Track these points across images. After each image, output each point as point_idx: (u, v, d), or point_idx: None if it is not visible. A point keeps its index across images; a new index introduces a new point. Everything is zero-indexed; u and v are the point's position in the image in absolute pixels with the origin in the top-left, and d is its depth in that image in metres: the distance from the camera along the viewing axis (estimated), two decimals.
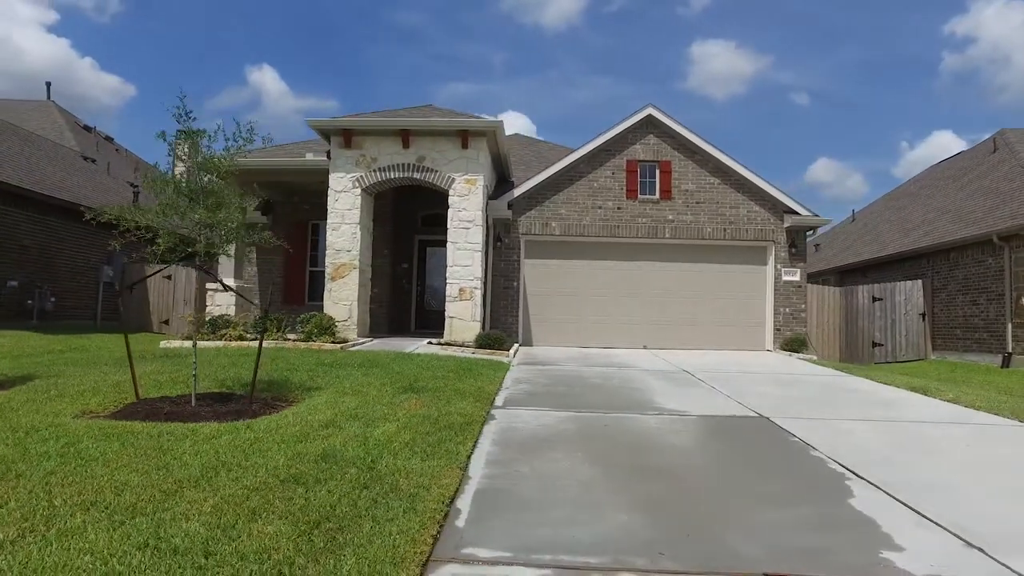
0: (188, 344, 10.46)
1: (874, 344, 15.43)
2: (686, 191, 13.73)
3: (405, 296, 15.73)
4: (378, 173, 12.21)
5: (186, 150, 5.99)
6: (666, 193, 13.75)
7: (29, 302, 14.30)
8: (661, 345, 13.43)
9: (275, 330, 10.98)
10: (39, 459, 3.91)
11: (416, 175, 12.19)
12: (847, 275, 21.05)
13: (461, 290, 12.00)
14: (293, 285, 15.17)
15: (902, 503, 3.70)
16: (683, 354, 12.31)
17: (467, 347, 11.22)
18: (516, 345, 12.82)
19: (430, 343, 11.50)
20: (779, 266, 13.56)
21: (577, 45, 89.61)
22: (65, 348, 11.64)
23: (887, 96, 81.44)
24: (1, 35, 64.02)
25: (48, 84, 26.86)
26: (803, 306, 13.64)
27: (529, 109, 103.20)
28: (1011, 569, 2.88)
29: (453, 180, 12.11)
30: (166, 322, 15.82)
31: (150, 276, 10.85)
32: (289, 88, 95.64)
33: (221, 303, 12.61)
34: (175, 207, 5.74)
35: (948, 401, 7.39)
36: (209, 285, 12.87)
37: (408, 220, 15.39)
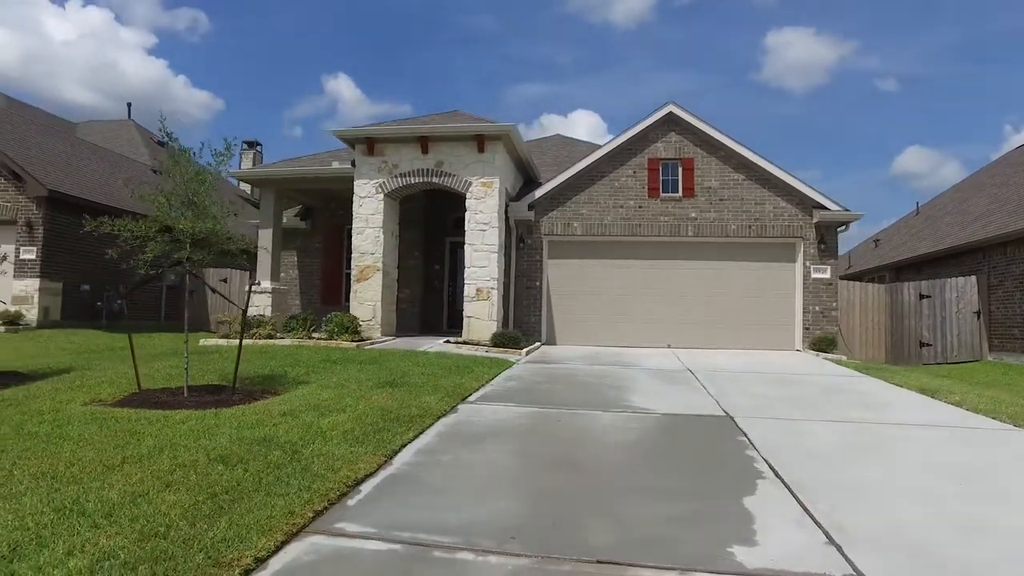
0: (223, 342, 11.30)
1: (922, 344, 14.69)
2: (709, 188, 13.54)
3: (436, 296, 16.23)
4: (399, 178, 12.73)
5: (169, 165, 6.53)
6: (688, 191, 13.61)
7: (98, 304, 15.71)
8: (686, 344, 13.31)
9: (301, 329, 11.67)
10: (26, 438, 4.51)
11: (435, 179, 12.62)
12: (903, 271, 20.04)
13: (478, 290, 12.34)
14: (330, 286, 15.96)
15: (799, 502, 3.73)
16: (703, 354, 12.17)
17: (482, 346, 11.54)
18: (538, 344, 13.05)
19: (447, 342, 11.90)
20: (808, 263, 13.16)
21: (647, 40, 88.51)
22: (124, 345, 12.76)
23: (987, 76, 75.68)
24: (108, 60, 70.05)
25: (129, 105, 29.19)
26: (834, 304, 13.17)
27: (600, 107, 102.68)
28: (849, 562, 2.93)
29: (470, 183, 12.46)
30: (222, 322, 16.97)
31: (146, 281, 11.71)
32: (364, 95, 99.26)
33: (259, 304, 13.47)
34: (166, 216, 6.30)
35: (952, 404, 7.10)
36: (247, 288, 13.75)
37: (439, 223, 15.87)
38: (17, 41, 67.36)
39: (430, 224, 15.68)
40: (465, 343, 11.88)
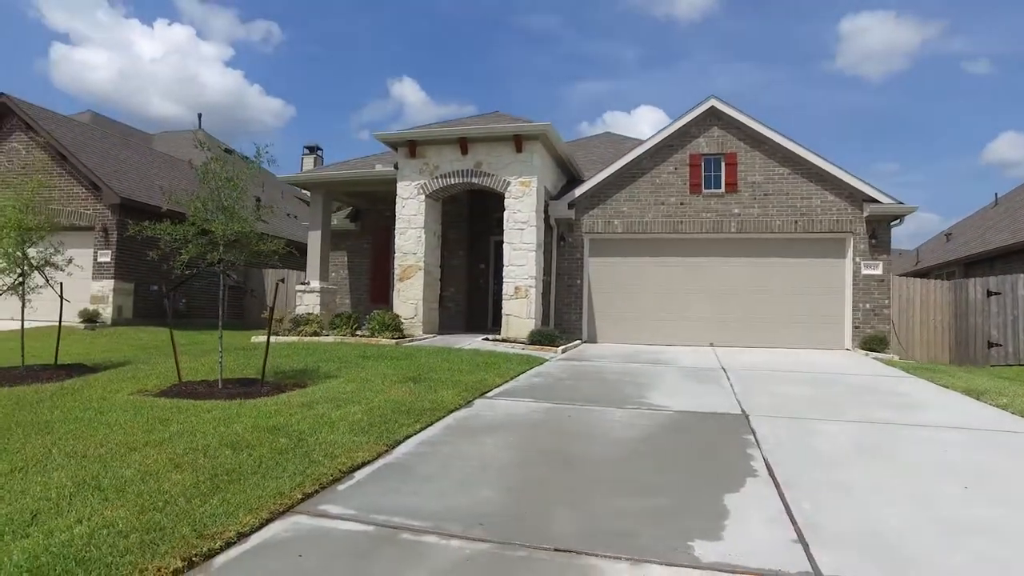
0: (272, 339, 11.90)
1: (990, 344, 13.87)
2: (753, 183, 13.21)
3: (481, 295, 16.49)
4: (440, 179, 13.04)
5: (202, 172, 6.98)
6: (731, 186, 13.32)
7: (165, 302, 16.80)
8: (729, 343, 13.05)
9: (345, 327, 12.15)
10: (71, 422, 5.00)
11: (474, 180, 12.87)
12: (973, 267, 18.91)
13: (516, 288, 12.50)
14: (378, 285, 16.49)
15: (782, 500, 3.71)
16: (744, 352, 11.91)
17: (519, 343, 11.69)
18: (578, 342, 13.10)
19: (485, 339, 12.12)
20: (858, 259, 12.64)
21: (712, 33, 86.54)
22: (185, 342, 13.66)
23: None
24: (190, 74, 74.88)
25: (199, 115, 30.91)
26: (886, 302, 12.60)
27: (664, 102, 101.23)
28: (811, 560, 2.92)
29: (508, 183, 12.64)
30: (280, 320, 17.83)
31: (183, 281, 12.38)
32: (429, 97, 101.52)
33: (308, 303, 14.10)
34: (201, 219, 6.76)
35: (997, 406, 6.75)
36: (298, 287, 14.44)
37: (484, 221, 16.10)
38: (113, 62, 73.08)
39: (475, 223, 15.96)
40: (503, 340, 12.06)
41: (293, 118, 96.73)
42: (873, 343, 11.98)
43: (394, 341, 11.18)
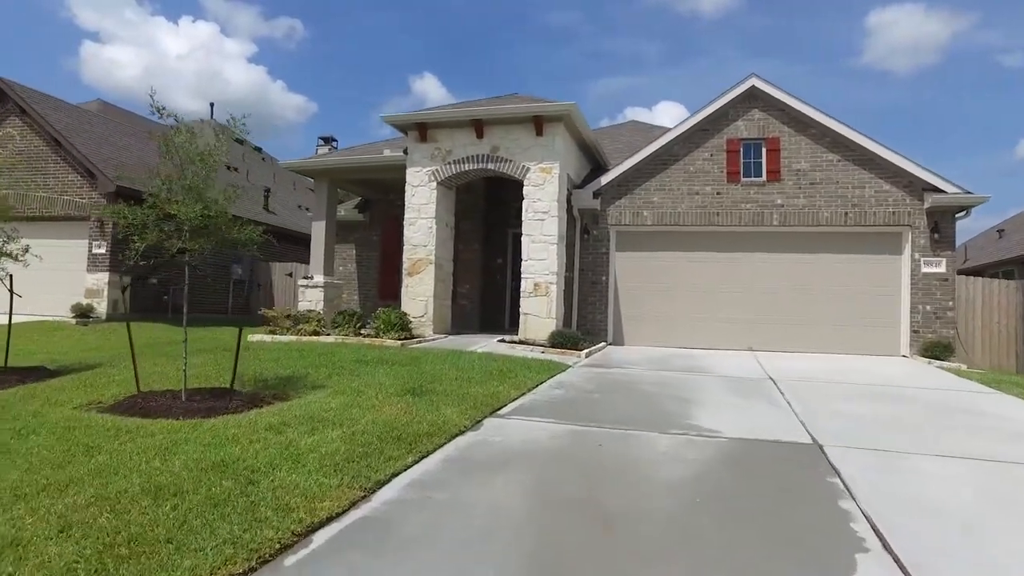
0: (267, 338, 10.92)
1: None
2: (797, 171, 11.92)
3: (498, 291, 15.37)
4: (453, 166, 11.95)
5: (164, 145, 5.97)
6: (773, 174, 12.04)
7: (164, 298, 15.95)
8: (769, 347, 11.80)
9: (347, 325, 11.12)
10: None
11: (490, 166, 11.75)
12: None
13: (536, 285, 11.37)
14: (387, 280, 15.45)
15: None
16: (789, 358, 10.67)
17: (538, 346, 10.57)
18: (603, 344, 11.95)
19: (501, 341, 11.02)
20: (918, 255, 11.31)
21: (736, 29, 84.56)
22: (182, 339, 12.74)
23: None
24: (215, 70, 75.48)
25: (212, 104, 30.13)
26: (950, 303, 11.25)
27: (685, 98, 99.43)
28: None
29: (528, 169, 11.50)
30: (276, 317, 16.91)
31: (148, 274, 11.41)
32: (450, 93, 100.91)
33: (311, 299, 13.11)
34: (164, 201, 5.75)
35: None
36: (300, 282, 13.44)
37: (501, 212, 14.96)
38: (139, 59, 74.00)
39: (491, 214, 14.84)
40: (521, 343, 10.95)
41: (315, 114, 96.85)
42: (935, 350, 10.65)
43: (399, 342, 10.12)
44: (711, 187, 12.40)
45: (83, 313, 14.08)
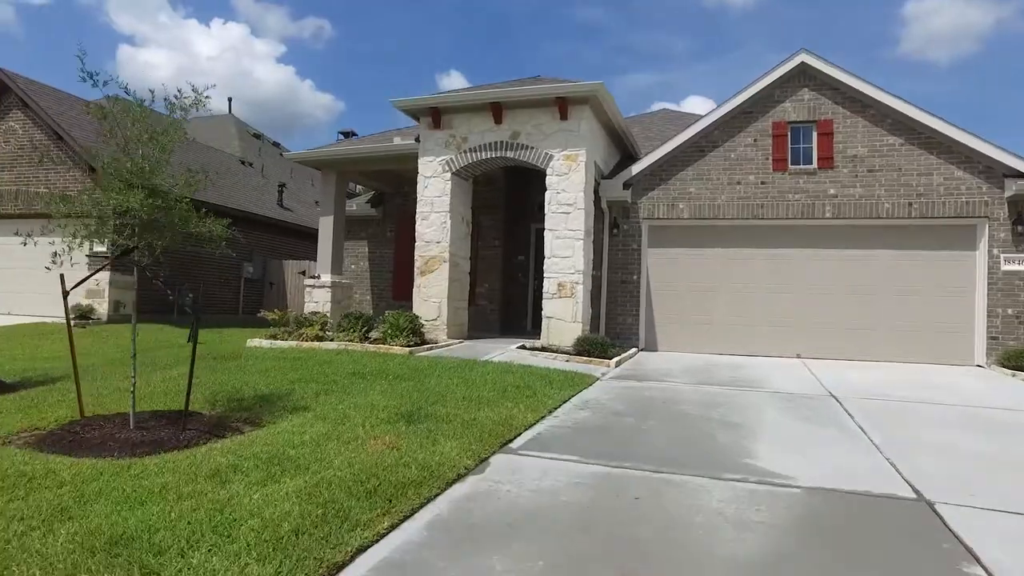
0: (266, 344, 10.04)
1: None
2: (854, 157, 10.61)
3: (520, 292, 14.32)
4: (469, 154, 10.91)
5: (103, 121, 5.04)
6: (826, 161, 10.75)
7: (170, 298, 15.23)
8: (819, 354, 10.55)
9: (353, 329, 10.17)
10: None
11: (509, 153, 10.68)
12: None
13: (560, 285, 10.29)
14: (402, 279, 14.47)
15: None
16: (845, 368, 9.42)
17: (563, 353, 9.51)
18: (634, 350, 10.82)
19: (521, 347, 9.96)
20: (996, 251, 9.93)
21: (767, 22, 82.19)
22: (177, 343, 11.99)
23: None
24: (245, 70, 76.69)
25: (230, 99, 29.75)
26: None
27: (715, 94, 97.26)
28: None
29: (551, 157, 10.41)
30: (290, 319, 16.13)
31: (97, 270, 10.55)
32: None
33: (318, 300, 12.21)
34: (116, 187, 4.83)
35: None
36: (307, 281, 12.55)
37: (524, 206, 13.91)
38: (171, 60, 75.55)
39: (513, 208, 13.78)
40: (543, 349, 9.89)
41: (343, 113, 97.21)
42: (1019, 359, 9.28)
43: (407, 349, 9.13)
44: (755, 176, 11.16)
45: (83, 315, 13.42)
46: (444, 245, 10.96)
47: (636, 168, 11.63)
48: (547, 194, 10.44)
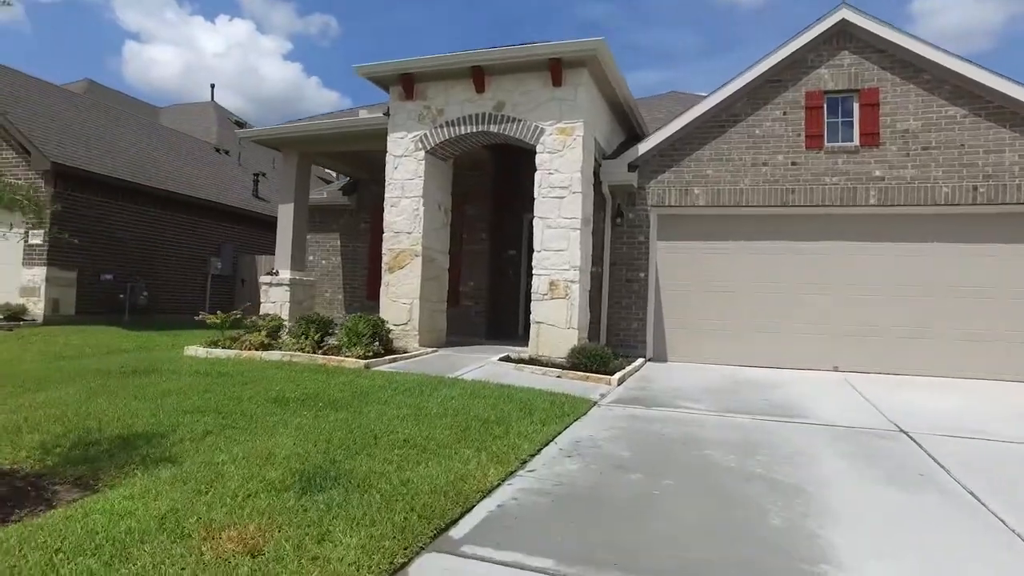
0: (202, 353, 8.41)
1: None
2: (904, 132, 8.89)
3: (511, 291, 12.64)
4: (445, 129, 9.23)
5: None
6: (870, 137, 9.03)
7: (121, 296, 13.62)
8: (862, 367, 8.86)
9: (306, 336, 8.51)
10: None
11: (493, 127, 9.00)
12: None
13: (552, 284, 8.61)
14: (379, 277, 12.82)
15: None
16: (900, 387, 7.73)
17: (555, 367, 7.84)
18: (641, 361, 9.14)
19: (505, 359, 8.29)
20: None
21: (775, 18, 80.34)
22: (131, 346, 10.40)
23: None
24: (251, 67, 75.96)
25: (212, 86, 28.39)
26: None
27: None
28: None
29: (542, 131, 8.73)
30: (212, 323, 14.57)
31: None
32: None
33: (275, 299, 10.56)
34: None
35: None
36: (262, 279, 10.90)
37: (514, 194, 12.21)
38: (178, 57, 74.94)
39: (503, 196, 12.09)
40: (531, 361, 8.22)
41: (349, 110, 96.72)
42: None
43: (364, 362, 7.46)
44: (784, 156, 9.45)
45: (13, 315, 11.83)
46: (416, 236, 9.29)
47: (643, 147, 9.93)
48: (537, 175, 8.76)
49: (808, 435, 5.14)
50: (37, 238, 12.21)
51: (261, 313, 10.41)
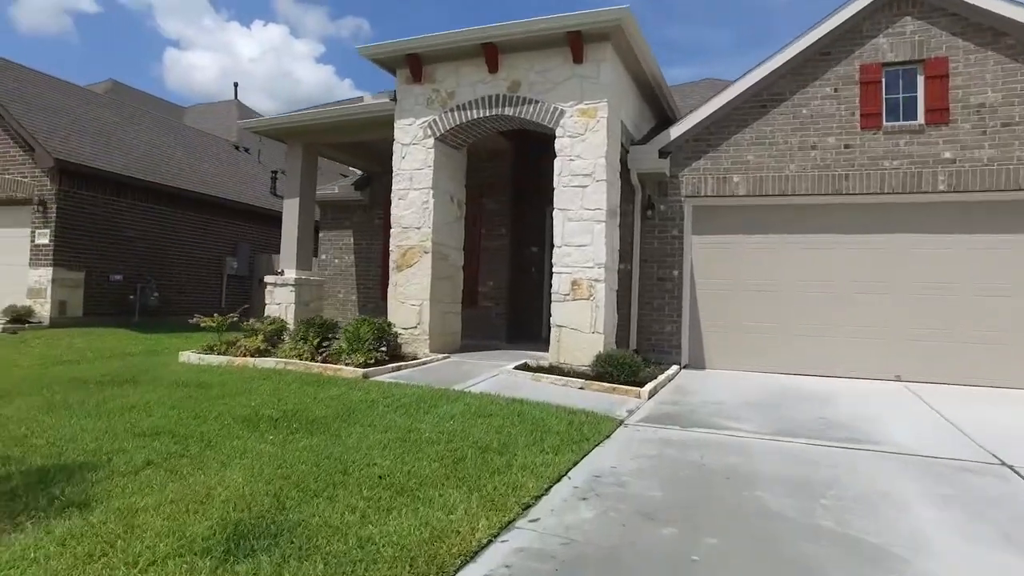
0: (195, 359, 7.77)
1: None
2: (980, 107, 7.76)
3: (534, 291, 11.77)
4: (456, 113, 8.43)
5: None
6: (938, 114, 7.92)
7: (131, 297, 13.18)
8: (930, 376, 7.77)
9: (305, 341, 7.79)
10: None
11: (508, 110, 8.16)
12: None
13: (575, 283, 7.73)
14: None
15: None
16: (981, 403, 6.65)
17: (576, 377, 6.97)
18: (675, 369, 8.21)
19: (521, 367, 7.44)
20: None
21: (810, 11, 77.96)
22: (138, 350, 9.91)
23: None
24: (285, 70, 77.66)
25: (236, 84, 28.17)
26: None
27: None
28: None
29: (561, 113, 7.86)
30: (204, 325, 14.02)
31: None
32: None
33: (280, 301, 9.89)
34: None
35: None
36: (267, 279, 10.24)
37: (537, 187, 11.31)
38: (215, 62, 77.03)
39: (523, 187, 11.24)
40: (550, 370, 7.36)
41: (356, 98, 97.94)
42: None
43: (362, 371, 6.70)
44: (835, 138, 8.39)
45: (19, 318, 11.44)
46: (426, 232, 8.51)
47: (676, 131, 8.97)
48: (556, 162, 7.89)
49: (883, 468, 4.17)
50: (44, 238, 11.81)
51: (266, 315, 9.76)
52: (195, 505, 3.02)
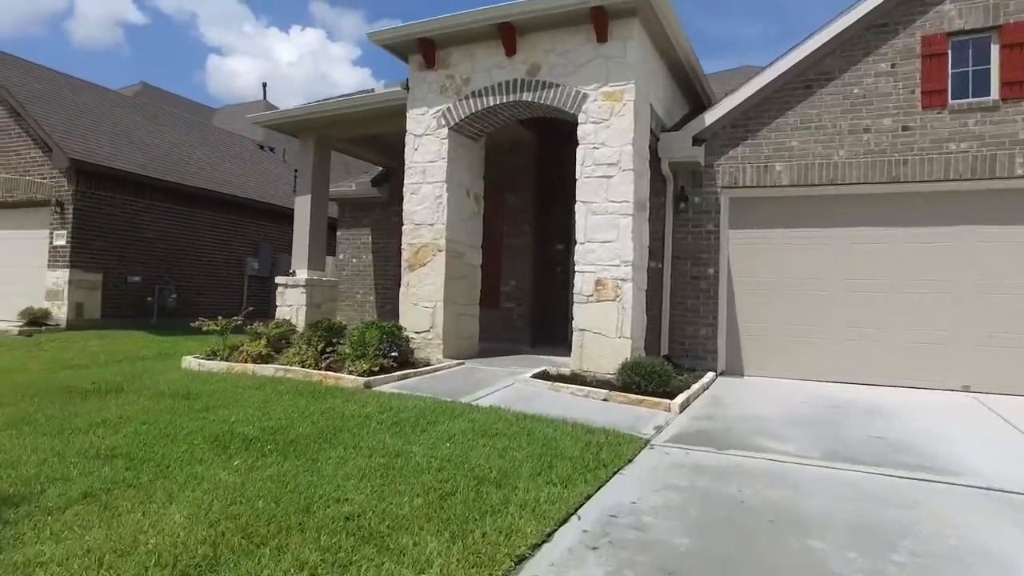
0: (195, 365, 7.36)
1: None
2: None
3: (559, 291, 11.08)
4: (472, 101, 7.83)
5: None
6: (1017, 87, 6.99)
7: (149, 299, 12.98)
8: (1005, 387, 6.87)
9: (310, 346, 7.30)
10: None
11: (526, 95, 7.52)
12: None
13: (599, 283, 7.05)
14: None
15: None
16: None
17: (600, 387, 6.31)
18: (710, 376, 7.48)
19: (541, 375, 6.81)
20: None
21: (843, 3, 75.55)
22: (153, 353, 9.67)
23: None
24: (322, 74, 79.33)
25: (264, 84, 28.41)
26: None
27: None
28: None
29: (584, 97, 7.18)
30: (210, 329, 13.68)
31: None
32: None
33: (291, 303, 9.46)
34: None
35: None
36: (278, 279, 9.83)
37: (562, 181, 10.63)
38: (256, 68, 79.15)
39: (547, 181, 10.57)
40: (571, 379, 6.71)
41: (368, 89, 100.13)
42: None
43: (364, 379, 6.15)
44: (892, 119, 7.52)
45: (36, 320, 11.29)
46: (439, 228, 7.94)
47: (711, 116, 8.21)
48: (579, 150, 7.22)
49: (967, 508, 3.41)
50: (61, 239, 11.66)
51: (277, 317, 9.33)
52: (112, 558, 2.48)
